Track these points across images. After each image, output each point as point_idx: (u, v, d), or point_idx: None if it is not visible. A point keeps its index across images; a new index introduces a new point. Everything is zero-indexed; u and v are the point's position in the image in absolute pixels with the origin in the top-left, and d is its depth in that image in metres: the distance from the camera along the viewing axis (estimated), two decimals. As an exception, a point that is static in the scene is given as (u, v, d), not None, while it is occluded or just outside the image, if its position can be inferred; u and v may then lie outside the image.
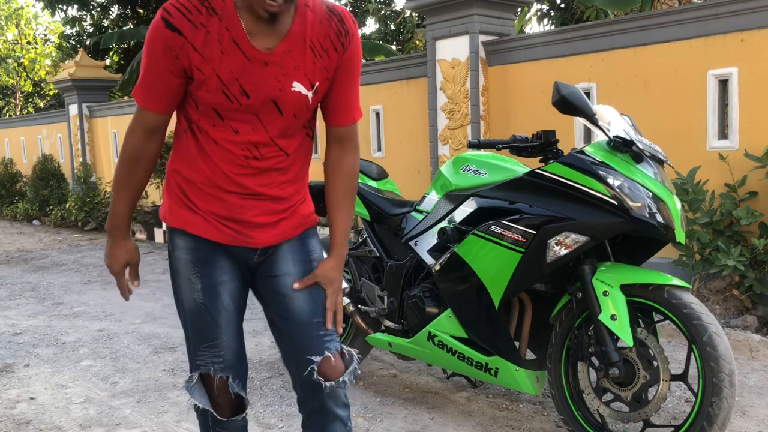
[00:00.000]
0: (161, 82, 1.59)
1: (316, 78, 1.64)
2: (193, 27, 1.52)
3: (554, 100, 2.65)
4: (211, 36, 1.52)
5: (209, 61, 1.54)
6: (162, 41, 1.53)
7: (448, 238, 2.93)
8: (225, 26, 1.53)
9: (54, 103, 22.49)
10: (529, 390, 2.88)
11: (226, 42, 1.53)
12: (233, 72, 1.55)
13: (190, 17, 1.51)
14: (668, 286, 2.53)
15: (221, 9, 1.53)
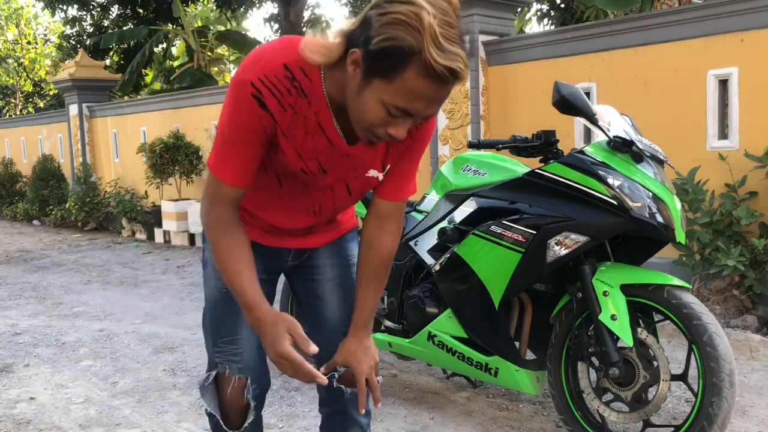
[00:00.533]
0: (251, 158, 1.48)
1: (389, 161, 1.61)
2: (281, 109, 1.41)
3: (554, 100, 2.65)
4: (298, 117, 1.44)
5: (292, 140, 1.47)
6: (256, 118, 1.41)
7: (448, 238, 2.93)
8: (314, 110, 1.44)
9: (54, 103, 22.49)
10: (529, 390, 2.88)
11: (312, 125, 1.46)
12: (314, 151, 1.50)
13: (281, 99, 1.40)
14: (668, 286, 2.53)
15: (310, 91, 1.42)
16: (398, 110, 1.29)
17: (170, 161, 8.99)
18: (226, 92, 1.55)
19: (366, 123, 1.34)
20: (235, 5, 16.09)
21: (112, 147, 11.61)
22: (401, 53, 1.22)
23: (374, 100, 1.30)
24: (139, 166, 10.45)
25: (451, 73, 1.23)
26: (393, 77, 1.25)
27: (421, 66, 1.22)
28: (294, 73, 1.39)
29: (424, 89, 1.25)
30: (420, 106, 1.28)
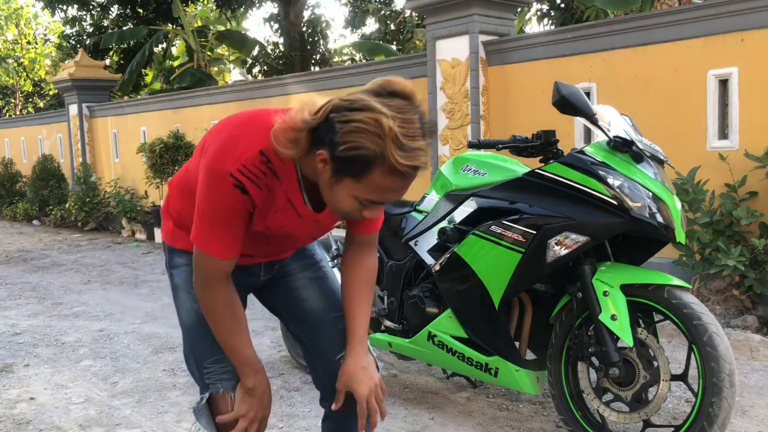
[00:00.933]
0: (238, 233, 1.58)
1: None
2: (258, 189, 1.51)
3: (554, 100, 2.65)
4: (271, 195, 1.54)
5: (263, 214, 1.57)
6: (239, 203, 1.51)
7: (448, 238, 2.93)
8: (284, 188, 1.54)
9: (54, 103, 22.49)
10: (529, 390, 2.88)
11: (281, 202, 1.56)
12: (282, 226, 1.61)
13: (258, 182, 1.50)
14: (668, 286, 2.53)
15: (281, 171, 1.51)
16: (370, 202, 1.42)
17: (170, 161, 8.99)
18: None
19: (341, 211, 1.48)
20: (235, 5, 16.10)
21: (112, 147, 11.61)
22: (366, 159, 1.33)
23: (347, 195, 1.41)
24: (139, 166, 10.45)
25: (414, 169, 1.36)
26: (361, 178, 1.36)
27: (386, 167, 1.34)
28: (269, 156, 1.48)
29: (392, 184, 1.37)
30: (390, 196, 1.40)
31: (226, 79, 22.20)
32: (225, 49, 18.61)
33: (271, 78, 9.88)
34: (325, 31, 17.40)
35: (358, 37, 18.61)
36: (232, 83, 15.81)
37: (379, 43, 13.32)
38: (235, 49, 15.95)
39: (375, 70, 7.24)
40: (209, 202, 1.52)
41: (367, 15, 17.48)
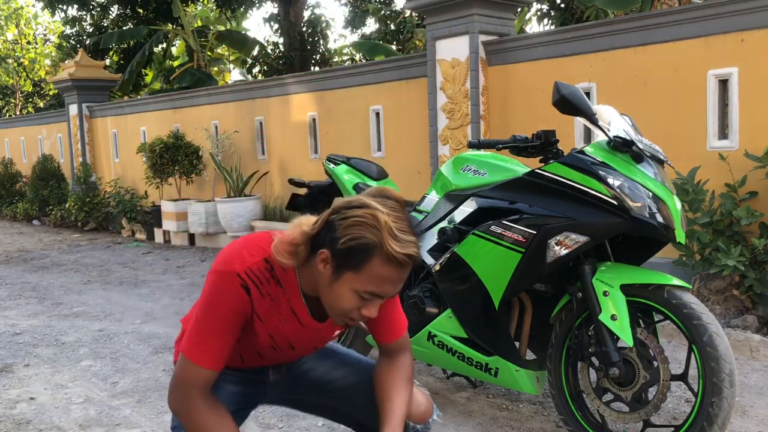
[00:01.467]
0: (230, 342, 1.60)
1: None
2: (261, 296, 1.58)
3: (554, 100, 2.65)
4: (274, 304, 1.60)
5: (266, 325, 1.61)
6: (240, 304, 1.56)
7: (448, 238, 2.93)
8: (287, 297, 1.61)
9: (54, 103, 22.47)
10: (529, 390, 2.88)
11: (285, 312, 1.62)
12: (287, 336, 1.65)
13: (261, 288, 1.57)
14: (668, 286, 2.53)
15: (284, 280, 1.59)
16: (369, 294, 1.50)
17: (170, 161, 8.99)
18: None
19: (341, 310, 1.53)
20: (235, 5, 16.09)
21: (112, 147, 11.61)
22: (366, 248, 1.45)
23: (347, 289, 1.50)
24: (139, 166, 10.45)
25: (409, 257, 1.49)
26: (361, 268, 1.47)
27: (383, 256, 1.45)
28: (273, 264, 1.58)
29: (390, 274, 1.48)
30: (387, 287, 1.50)
31: (226, 79, 22.20)
32: (225, 49, 18.60)
33: (271, 78, 9.88)
34: (325, 31, 17.40)
35: (358, 37, 18.62)
36: (232, 83, 15.82)
37: (379, 43, 13.31)
38: (235, 49, 15.94)
39: (375, 70, 7.24)
40: (210, 305, 1.57)
41: (367, 15, 17.48)
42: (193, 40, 13.37)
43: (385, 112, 7.13)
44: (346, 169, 3.69)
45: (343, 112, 7.60)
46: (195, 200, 9.11)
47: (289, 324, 1.64)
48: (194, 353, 1.58)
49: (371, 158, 7.06)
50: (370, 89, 7.26)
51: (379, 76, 7.15)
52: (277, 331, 1.64)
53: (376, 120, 7.25)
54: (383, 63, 7.35)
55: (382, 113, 7.16)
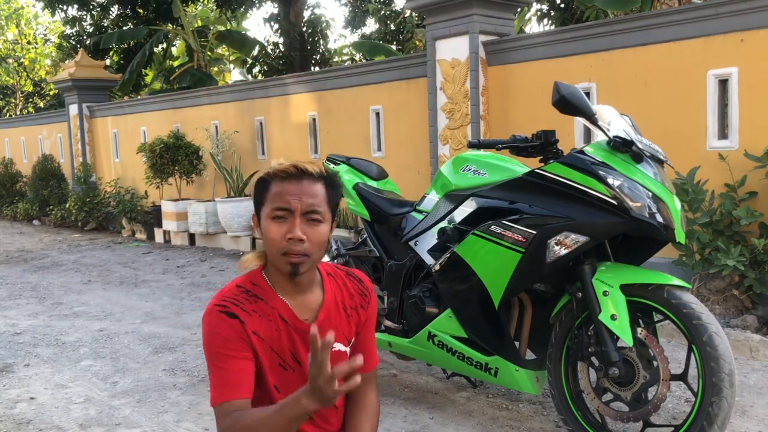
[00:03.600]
0: (244, 368, 1.63)
1: (351, 334, 1.79)
2: (246, 313, 1.65)
3: (554, 100, 2.65)
4: (264, 319, 1.66)
5: (268, 340, 1.67)
6: (230, 329, 1.62)
7: (448, 238, 2.93)
8: (271, 306, 1.68)
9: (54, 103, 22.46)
10: (529, 390, 2.88)
11: (276, 320, 1.68)
12: (285, 344, 1.68)
13: (242, 306, 1.65)
14: (668, 286, 2.53)
15: (263, 293, 1.68)
16: (278, 210, 1.61)
17: (170, 161, 8.99)
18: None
19: (273, 245, 1.62)
20: (235, 5, 16.09)
21: (112, 147, 11.61)
22: (262, 181, 1.67)
23: (266, 221, 1.64)
24: (139, 166, 10.45)
25: (296, 167, 1.63)
26: (265, 198, 1.65)
27: (275, 179, 1.64)
28: (245, 286, 1.69)
29: (286, 186, 1.63)
30: (290, 198, 1.61)
31: (226, 79, 22.19)
32: (225, 49, 18.60)
33: (271, 78, 9.88)
34: (325, 31, 17.39)
35: (358, 37, 18.61)
36: (232, 83, 15.82)
37: (379, 43, 13.31)
38: (235, 49, 15.94)
39: (375, 70, 7.24)
40: (207, 346, 1.64)
41: (367, 15, 17.47)
42: (193, 40, 13.37)
43: (385, 112, 7.13)
44: (346, 169, 3.69)
45: (343, 112, 7.60)
46: (195, 200, 9.11)
47: (284, 332, 1.67)
48: (219, 394, 1.61)
49: (371, 158, 7.06)
50: (370, 89, 7.26)
51: (379, 76, 7.15)
52: (276, 343, 1.67)
53: (376, 120, 7.25)
54: (383, 63, 7.35)
55: (382, 113, 7.16)
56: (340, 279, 1.80)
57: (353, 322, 1.78)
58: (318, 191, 1.64)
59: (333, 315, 1.74)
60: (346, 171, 3.68)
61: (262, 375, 1.67)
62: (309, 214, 1.62)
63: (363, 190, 3.54)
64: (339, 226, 7.38)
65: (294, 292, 1.69)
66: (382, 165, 3.89)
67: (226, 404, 1.59)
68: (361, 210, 3.53)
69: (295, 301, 1.69)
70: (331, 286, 1.76)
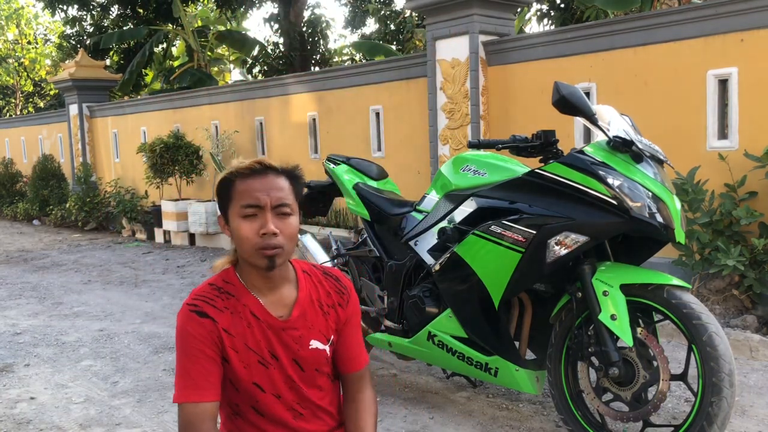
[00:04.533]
0: (212, 370, 1.64)
1: (330, 332, 1.78)
2: (218, 311, 1.66)
3: (554, 100, 2.65)
4: (236, 316, 1.67)
5: (240, 337, 1.67)
6: (200, 328, 1.63)
7: (448, 238, 2.93)
8: (243, 303, 1.68)
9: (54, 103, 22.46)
10: (529, 390, 2.88)
11: (247, 316, 1.68)
12: (260, 341, 1.68)
13: (214, 303, 1.66)
14: (668, 286, 2.53)
15: (235, 290, 1.70)
16: (248, 207, 1.63)
17: (170, 161, 8.99)
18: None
19: (247, 242, 1.63)
20: (235, 5, 16.09)
21: (112, 147, 11.61)
22: (225, 181, 1.67)
23: (236, 219, 1.64)
24: (139, 166, 10.45)
25: (259, 163, 1.67)
26: (232, 196, 1.65)
27: (239, 177, 1.66)
28: (217, 284, 1.71)
29: (251, 183, 1.64)
30: (258, 194, 1.63)
31: (226, 79, 22.20)
32: (225, 49, 18.60)
33: (271, 78, 9.88)
34: (325, 31, 17.39)
35: (358, 37, 18.62)
36: (232, 83, 15.82)
37: (379, 43, 13.31)
38: (235, 49, 15.95)
39: (375, 70, 7.24)
40: (178, 346, 1.65)
41: (367, 15, 17.47)
42: (194, 40, 13.37)
43: (385, 112, 7.13)
44: (346, 169, 3.69)
45: (343, 112, 7.60)
46: (195, 200, 9.11)
47: (256, 328, 1.68)
48: (183, 394, 1.61)
49: (371, 158, 7.06)
50: (370, 89, 7.26)
51: (379, 76, 7.15)
52: (249, 339, 1.67)
53: (376, 120, 7.25)
54: (383, 63, 7.35)
55: (382, 113, 7.16)
56: (315, 277, 1.80)
57: (331, 320, 1.78)
58: (284, 184, 1.67)
59: (308, 312, 1.73)
60: (346, 171, 3.68)
61: (235, 375, 1.66)
62: (279, 208, 1.64)
63: (363, 190, 3.54)
64: (339, 226, 7.38)
65: (267, 289, 1.70)
66: (382, 165, 3.89)
67: (190, 405, 1.61)
68: (361, 210, 3.53)
69: (268, 298, 1.70)
70: (306, 283, 1.76)
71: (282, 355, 1.69)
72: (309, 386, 1.74)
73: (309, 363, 1.73)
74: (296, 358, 1.71)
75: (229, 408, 1.74)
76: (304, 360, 1.72)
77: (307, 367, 1.72)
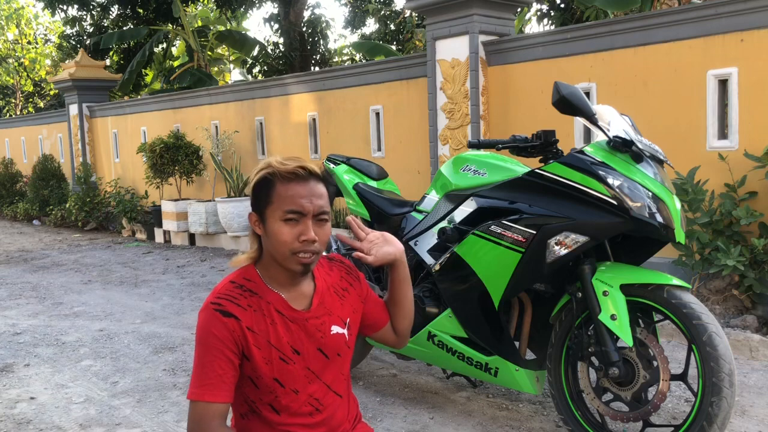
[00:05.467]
0: (228, 371, 1.65)
1: (346, 315, 1.82)
2: (241, 309, 1.67)
3: (554, 100, 2.65)
4: (259, 313, 1.69)
5: (263, 334, 1.68)
6: (223, 329, 1.64)
7: (448, 238, 2.93)
8: (266, 300, 1.70)
9: (54, 103, 22.47)
10: (529, 390, 2.88)
11: (271, 312, 1.70)
12: (283, 337, 1.70)
13: (237, 302, 1.68)
14: (668, 286, 2.53)
15: (256, 288, 1.71)
16: (291, 213, 1.64)
17: (170, 161, 8.99)
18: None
19: (284, 246, 1.65)
20: (235, 5, 16.09)
21: (112, 147, 11.61)
22: (265, 180, 1.67)
23: (275, 223, 1.65)
24: (139, 166, 10.45)
25: (303, 168, 1.67)
26: (272, 198, 1.65)
27: (281, 179, 1.66)
28: (239, 282, 1.72)
29: (295, 190, 1.65)
30: (301, 201, 1.64)
31: (226, 79, 22.20)
32: (225, 49, 18.61)
33: (271, 78, 9.88)
34: (325, 31, 17.41)
35: (358, 37, 18.62)
36: (233, 83, 15.82)
37: (379, 43, 13.31)
38: (235, 49, 15.95)
39: (375, 70, 7.24)
40: (199, 343, 1.66)
41: (367, 15, 17.47)
42: (194, 40, 13.37)
43: (385, 112, 7.13)
44: (346, 169, 3.69)
45: (343, 112, 7.60)
46: (195, 200, 9.11)
47: (279, 324, 1.70)
48: (198, 392, 1.62)
49: (371, 158, 7.06)
50: (370, 89, 7.26)
51: (379, 76, 7.15)
52: (273, 335, 1.69)
53: (376, 120, 7.25)
54: (383, 63, 7.35)
55: (382, 113, 7.16)
56: (326, 266, 1.86)
57: (348, 302, 1.83)
58: (324, 192, 1.69)
59: (327, 300, 1.78)
60: (346, 171, 3.68)
61: (256, 371, 1.67)
62: (319, 215, 1.66)
63: (363, 190, 3.54)
64: (339, 226, 7.39)
65: (289, 285, 1.72)
66: (382, 165, 3.89)
67: (202, 404, 1.62)
68: (361, 210, 3.53)
69: (290, 293, 1.73)
70: (320, 273, 1.81)
71: (306, 347, 1.72)
72: (331, 374, 1.78)
73: (332, 349, 1.76)
74: (320, 347, 1.74)
75: (243, 406, 1.75)
76: (328, 347, 1.76)
77: (330, 353, 1.76)
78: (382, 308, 1.94)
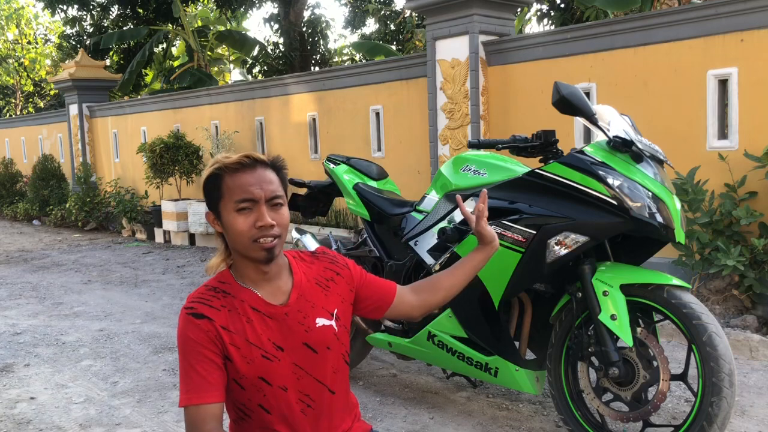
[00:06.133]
0: (214, 371, 1.65)
1: (333, 306, 1.79)
2: (215, 310, 1.67)
3: (554, 100, 2.65)
4: (234, 313, 1.68)
5: (239, 333, 1.67)
6: (198, 330, 1.64)
7: (448, 237, 2.93)
8: (240, 299, 1.70)
9: (54, 103, 22.47)
10: (529, 390, 2.88)
11: (246, 311, 1.69)
12: (262, 334, 1.69)
13: (210, 303, 1.68)
14: (668, 286, 2.53)
15: (230, 288, 1.71)
16: (243, 202, 1.65)
17: (170, 161, 8.99)
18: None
19: (242, 236, 1.65)
20: (235, 5, 16.09)
21: (112, 147, 11.61)
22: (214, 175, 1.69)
23: (230, 214, 1.66)
24: (139, 166, 10.45)
25: (248, 157, 1.67)
26: (223, 191, 1.67)
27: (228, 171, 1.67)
28: (213, 285, 1.73)
29: (243, 178, 1.66)
30: (252, 189, 1.65)
31: (226, 79, 22.20)
32: (225, 49, 18.61)
33: (271, 78, 9.88)
34: (325, 31, 17.41)
35: (358, 37, 18.62)
36: (233, 83, 15.82)
37: (379, 43, 13.31)
38: (235, 49, 15.95)
39: (375, 70, 7.24)
40: (179, 350, 1.67)
41: (367, 15, 17.47)
42: (194, 40, 13.37)
43: (385, 112, 7.13)
44: (346, 169, 3.69)
45: (343, 112, 7.60)
46: (195, 200, 9.11)
47: (256, 321, 1.68)
48: (186, 397, 1.62)
49: (371, 158, 7.06)
50: (370, 89, 7.26)
51: (379, 76, 7.15)
52: (251, 333, 1.68)
53: (376, 120, 7.25)
54: (383, 63, 7.35)
55: (382, 113, 7.16)
56: (308, 260, 1.84)
57: (334, 292, 1.80)
58: (273, 178, 1.69)
59: (307, 292, 1.75)
60: (346, 171, 3.68)
61: (239, 372, 1.66)
62: (272, 200, 1.66)
63: (363, 190, 3.54)
64: (339, 226, 7.38)
65: (263, 282, 1.71)
66: (382, 165, 3.89)
67: (193, 408, 1.61)
68: (361, 210, 3.53)
69: (265, 290, 1.72)
70: (299, 267, 1.79)
71: (290, 343, 1.70)
72: (322, 369, 1.74)
73: (319, 342, 1.73)
74: (306, 341, 1.72)
75: (236, 411, 1.74)
76: (314, 340, 1.73)
77: (318, 347, 1.73)
78: (383, 287, 1.92)
